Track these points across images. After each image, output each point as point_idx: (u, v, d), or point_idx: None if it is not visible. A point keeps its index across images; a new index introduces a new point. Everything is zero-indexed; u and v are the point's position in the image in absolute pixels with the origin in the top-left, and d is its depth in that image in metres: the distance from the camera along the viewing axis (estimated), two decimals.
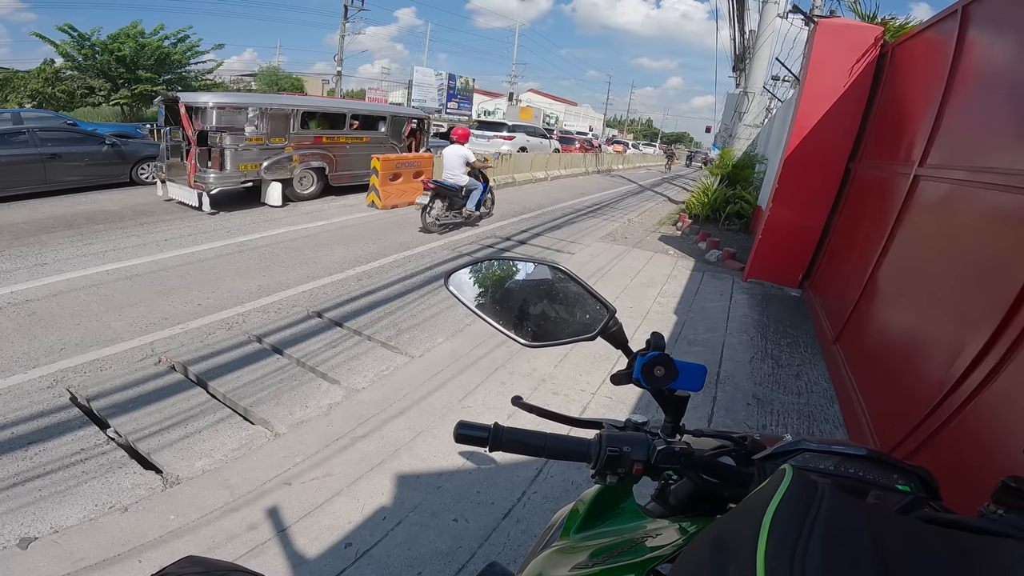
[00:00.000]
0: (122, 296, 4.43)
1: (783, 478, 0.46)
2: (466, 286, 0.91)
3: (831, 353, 4.21)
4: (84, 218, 6.94)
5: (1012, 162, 2.45)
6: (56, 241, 5.80)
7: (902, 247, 3.59)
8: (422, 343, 3.92)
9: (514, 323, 0.86)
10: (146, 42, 20.04)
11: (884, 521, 0.44)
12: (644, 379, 0.76)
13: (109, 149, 8.98)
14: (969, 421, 2.13)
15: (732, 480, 0.72)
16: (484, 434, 0.71)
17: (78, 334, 3.73)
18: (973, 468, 1.95)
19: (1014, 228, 2.29)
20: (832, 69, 5.59)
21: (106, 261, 5.24)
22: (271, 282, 4.99)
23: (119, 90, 20.18)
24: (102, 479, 2.36)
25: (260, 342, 3.75)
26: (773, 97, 13.96)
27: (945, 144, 3.39)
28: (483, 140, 19.76)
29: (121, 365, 3.37)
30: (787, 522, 0.41)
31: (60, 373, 3.23)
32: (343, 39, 27.58)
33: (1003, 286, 2.10)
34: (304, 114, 8.88)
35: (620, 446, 0.70)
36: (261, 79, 40.23)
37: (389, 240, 6.98)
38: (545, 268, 0.90)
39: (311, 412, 2.97)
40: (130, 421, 2.78)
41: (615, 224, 9.91)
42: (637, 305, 5.20)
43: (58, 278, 4.71)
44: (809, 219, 6.02)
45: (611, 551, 0.71)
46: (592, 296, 0.84)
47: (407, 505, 2.30)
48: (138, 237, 6.17)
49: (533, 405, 0.87)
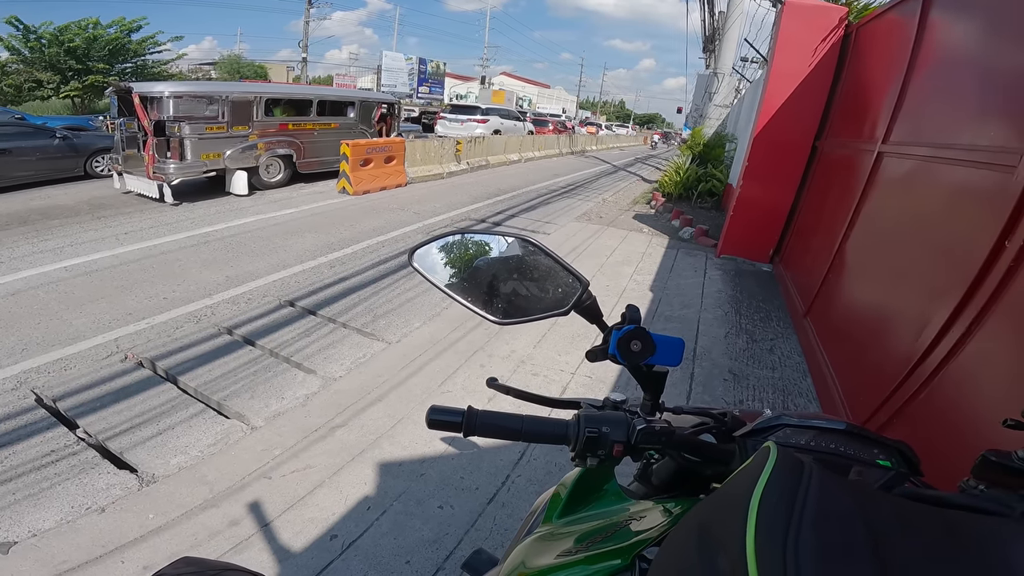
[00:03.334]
0: (82, 292, 4.25)
1: (767, 457, 0.44)
2: (432, 263, 0.86)
3: (802, 327, 4.30)
4: (38, 214, 6.61)
5: (974, 138, 2.50)
6: (10, 239, 5.51)
7: (867, 222, 3.67)
8: (399, 328, 3.86)
9: (484, 300, 0.82)
10: (98, 33, 19.12)
11: (873, 500, 0.43)
12: (620, 354, 0.73)
13: (61, 142, 8.59)
14: (937, 393, 2.17)
15: (714, 458, 0.70)
16: (457, 419, 0.67)
17: (39, 333, 3.57)
18: (944, 439, 1.99)
19: (977, 203, 2.34)
20: (799, 49, 5.69)
21: (63, 257, 5.01)
22: (240, 272, 4.85)
23: (68, 82, 19.23)
24: (75, 480, 2.29)
25: (231, 334, 3.64)
26: (742, 78, 14.12)
27: (908, 122, 3.45)
28: (456, 124, 19.52)
29: (86, 363, 3.24)
30: (775, 505, 0.39)
31: (23, 374, 3.10)
32: (308, 25, 26.91)
33: (966, 259, 2.14)
34: (268, 101, 8.64)
35: (599, 426, 0.68)
36: (222, 68, 39.07)
37: (362, 226, 6.85)
38: (515, 242, 0.86)
39: (287, 403, 2.90)
40: (99, 420, 2.68)
41: (590, 204, 9.91)
42: (614, 283, 5.21)
43: (14, 276, 4.49)
44: (778, 196, 6.13)
45: (595, 536, 0.70)
46: (564, 269, 0.81)
47: (391, 494, 2.27)
48: (96, 231, 5.91)
49: (509, 386, 0.85)
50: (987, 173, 2.28)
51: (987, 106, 2.55)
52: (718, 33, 14.06)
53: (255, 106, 8.37)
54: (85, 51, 18.90)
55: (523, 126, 22.78)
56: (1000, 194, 2.06)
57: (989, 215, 2.09)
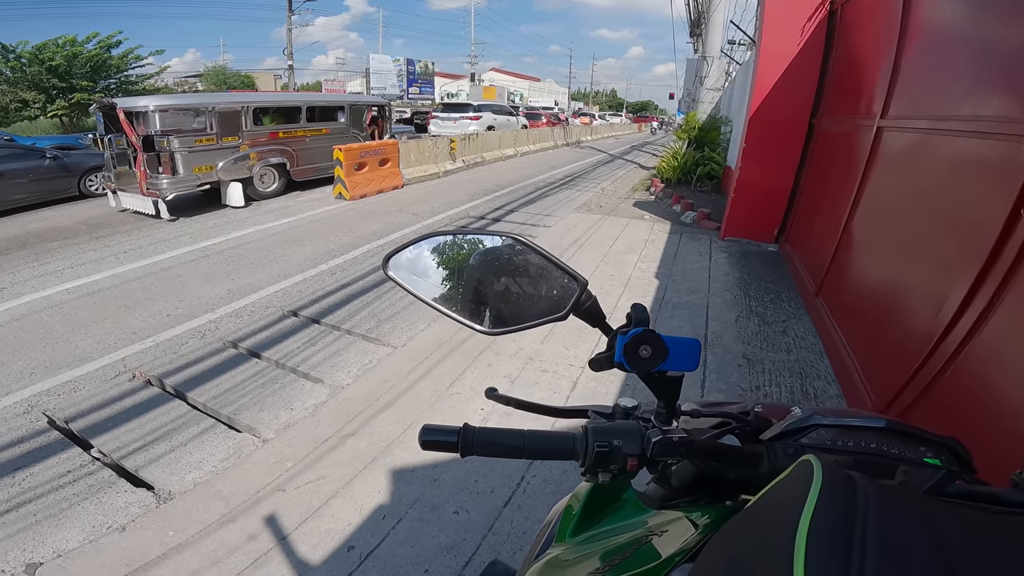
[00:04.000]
0: (86, 314, 4.24)
1: (811, 476, 0.38)
2: (410, 270, 0.77)
3: (815, 306, 4.23)
4: (36, 237, 6.61)
5: (976, 108, 2.44)
6: (10, 263, 5.52)
7: (873, 198, 3.61)
8: (403, 332, 3.82)
9: (470, 309, 0.74)
10: (78, 50, 19.07)
11: (939, 517, 0.37)
12: (628, 362, 0.65)
13: (52, 163, 8.56)
14: (965, 369, 2.09)
15: (741, 463, 0.64)
16: (453, 438, 0.61)
17: (46, 356, 3.57)
18: (979, 419, 1.92)
19: (986, 174, 2.27)
20: (786, 29, 5.65)
21: (65, 279, 5.00)
22: (241, 285, 4.82)
23: (54, 101, 19.20)
24: (94, 499, 2.30)
25: (236, 347, 3.61)
26: (732, 60, 14.04)
27: (905, 95, 3.39)
28: (449, 122, 19.44)
29: (95, 384, 3.24)
30: (829, 539, 0.33)
31: (34, 398, 3.11)
32: (291, 32, 26.69)
33: (981, 231, 2.09)
34: (256, 110, 8.56)
35: (609, 439, 0.61)
36: (208, 79, 38.84)
37: (360, 231, 6.81)
38: (503, 241, 0.77)
39: (297, 414, 2.87)
40: (113, 439, 2.70)
41: (589, 194, 9.85)
42: (618, 272, 5.16)
43: (18, 302, 4.50)
44: (778, 176, 6.07)
45: (614, 557, 0.64)
46: (559, 269, 0.72)
47: (405, 501, 2.23)
48: (95, 252, 5.89)
49: (510, 397, 0.78)
50: (993, 143, 2.22)
51: (986, 76, 2.48)
52: (703, 17, 14.01)
53: (243, 116, 8.31)
54: (67, 69, 18.83)
55: (516, 121, 22.65)
56: (1010, 164, 2.00)
57: (1000, 186, 2.03)
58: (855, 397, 2.97)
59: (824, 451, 0.62)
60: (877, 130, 3.58)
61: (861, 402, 2.85)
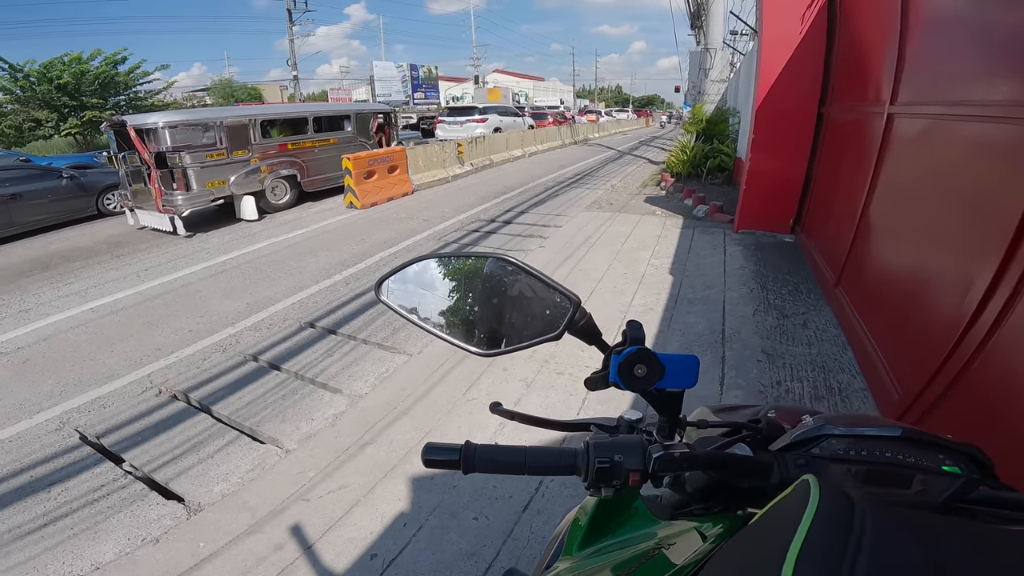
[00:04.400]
0: (111, 332, 4.35)
1: (807, 497, 0.38)
2: (401, 293, 0.78)
3: (835, 297, 4.15)
4: (59, 257, 6.78)
5: (987, 93, 2.38)
6: (35, 285, 5.68)
7: (889, 184, 3.54)
8: (418, 340, 3.85)
9: (464, 331, 0.75)
10: (85, 67, 19.22)
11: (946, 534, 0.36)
12: (623, 382, 0.65)
13: (69, 182, 8.69)
14: (995, 356, 2.02)
15: (753, 473, 0.63)
16: (454, 456, 0.62)
17: (75, 375, 3.69)
18: (1012, 407, 1.86)
19: (1003, 158, 2.22)
20: (786, 16, 5.59)
21: (89, 299, 5.12)
22: (259, 298, 4.89)
23: (67, 120, 19.37)
24: (127, 512, 2.39)
25: (256, 360, 3.68)
26: (734, 51, 13.91)
27: (913, 80, 3.33)
28: (456, 126, 19.56)
29: (123, 400, 3.34)
30: (818, 562, 0.33)
31: (65, 415, 3.23)
32: (292, 43, 26.90)
33: (1002, 215, 2.04)
34: (263, 123, 8.64)
35: (611, 455, 0.61)
36: (215, 93, 39.16)
37: (373, 239, 6.87)
38: (492, 262, 0.77)
39: (317, 425, 2.92)
40: (142, 453, 2.79)
41: (598, 192, 9.83)
42: (631, 270, 5.15)
43: (44, 322, 4.63)
44: (790, 165, 5.99)
45: (623, 570, 0.63)
46: (550, 288, 0.72)
47: (425, 508, 2.26)
48: (117, 270, 6.03)
49: (514, 412, 0.77)
50: (1008, 127, 2.17)
51: (994, 59, 2.43)
52: (703, 9, 13.91)
53: (251, 129, 8.38)
54: (76, 86, 18.97)
55: (523, 121, 22.71)
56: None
57: (1017, 171, 2.00)
58: (881, 390, 2.90)
59: (836, 461, 0.61)
60: (888, 117, 3.52)
61: (887, 395, 2.79)
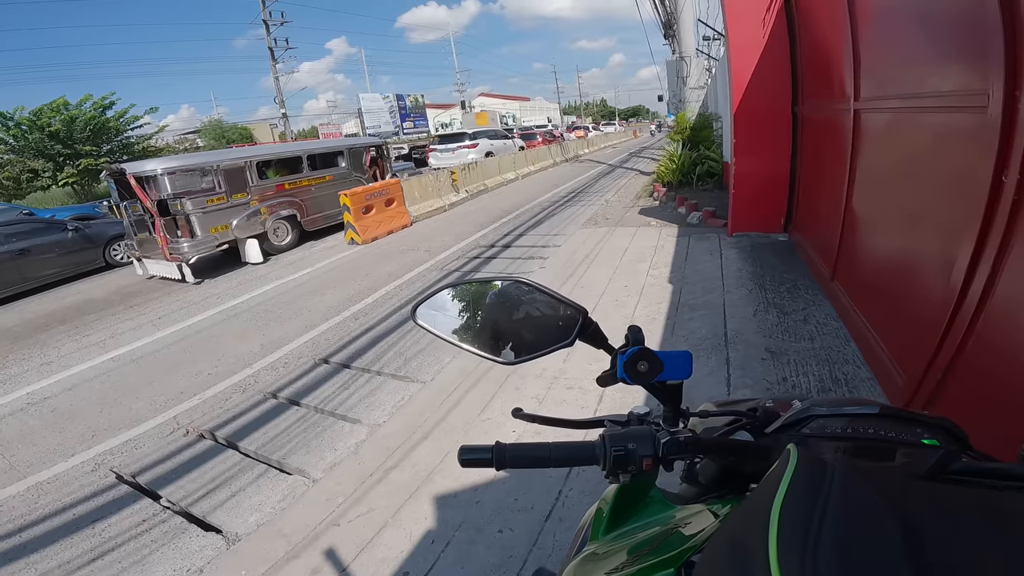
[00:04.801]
0: (134, 379, 4.51)
1: (788, 460, 0.44)
2: (434, 317, 0.89)
3: (832, 291, 4.21)
4: (74, 310, 6.97)
5: (937, 85, 2.51)
6: (54, 338, 5.87)
7: (866, 177, 3.65)
8: (430, 367, 3.97)
9: (491, 345, 0.84)
10: (76, 113, 19.22)
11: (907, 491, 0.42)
12: (629, 377, 0.74)
13: (75, 235, 8.78)
14: (986, 333, 2.07)
15: (751, 456, 0.70)
16: (487, 455, 0.69)
17: (104, 420, 3.86)
18: (1010, 386, 1.88)
19: (962, 143, 2.32)
20: (749, 20, 5.74)
21: (108, 349, 5.29)
22: (272, 339, 5.03)
23: (63, 169, 19.38)
24: (171, 545, 2.51)
25: (276, 397, 3.81)
26: (709, 57, 14.13)
27: (871, 77, 3.45)
28: (448, 153, 19.71)
29: (153, 441, 3.49)
30: (796, 513, 0.38)
31: (99, 457, 3.39)
32: (278, 81, 27.14)
33: (971, 197, 2.12)
34: (259, 164, 8.74)
35: (625, 444, 0.68)
36: (206, 134, 39.25)
37: (377, 273, 7.01)
38: (510, 284, 0.89)
39: (340, 454, 3.04)
40: (177, 489, 2.93)
41: (594, 208, 10.01)
42: (632, 282, 5.27)
43: (67, 373, 4.82)
44: (774, 166, 6.13)
45: (643, 548, 0.70)
46: (560, 302, 0.83)
47: (451, 525, 2.35)
48: (132, 320, 6.19)
49: (534, 415, 0.85)
50: (962, 116, 2.29)
51: (938, 50, 2.55)
52: (674, 18, 14.16)
53: (247, 171, 8.47)
54: (68, 133, 18.98)
55: (513, 143, 22.99)
56: (981, 134, 2.06)
57: (979, 155, 2.08)
58: (886, 377, 2.95)
59: (826, 439, 0.68)
60: (855, 113, 3.65)
61: (892, 382, 2.83)
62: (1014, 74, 1.89)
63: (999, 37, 1.91)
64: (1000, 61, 1.92)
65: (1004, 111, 1.93)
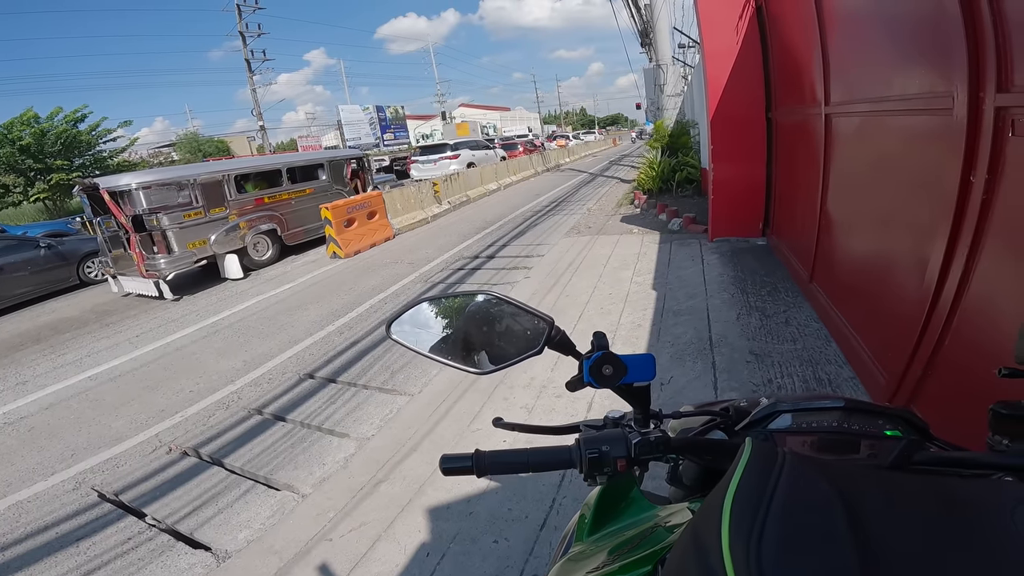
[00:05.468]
0: (112, 398, 4.42)
1: (742, 454, 0.45)
2: (409, 332, 0.91)
3: (811, 292, 4.29)
4: (48, 329, 6.82)
5: (903, 88, 2.60)
6: (28, 358, 5.76)
7: (840, 180, 3.74)
8: (418, 379, 3.94)
9: (463, 356, 0.87)
10: (47, 126, 18.69)
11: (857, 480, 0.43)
12: (595, 381, 0.76)
13: (48, 252, 8.61)
14: (964, 326, 2.13)
15: (724, 454, 0.71)
16: (467, 463, 0.72)
17: (83, 439, 3.79)
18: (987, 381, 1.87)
19: (930, 145, 2.40)
20: (722, 28, 5.87)
21: (85, 368, 5.18)
22: (255, 355, 4.95)
23: (34, 184, 18.82)
24: (159, 563, 2.46)
25: (261, 414, 3.75)
26: (684, 64, 14.39)
27: (840, 82, 3.55)
28: (430, 165, 19.64)
29: (135, 459, 3.43)
30: (745, 503, 0.39)
31: (80, 475, 3.33)
32: (255, 93, 26.79)
33: (941, 197, 2.18)
34: (237, 178, 8.59)
35: (599, 446, 0.70)
36: (182, 148, 38.52)
37: (360, 287, 6.96)
38: (480, 297, 0.90)
39: (329, 468, 3.00)
40: (162, 507, 2.88)
41: (576, 216, 10.09)
42: (616, 290, 5.31)
43: (44, 392, 4.73)
44: (750, 171, 6.25)
45: (624, 547, 0.71)
46: (528, 313, 0.85)
47: (446, 537, 2.34)
48: (108, 339, 6.05)
49: (514, 424, 0.88)
50: (929, 118, 2.36)
51: (903, 53, 2.64)
52: (650, 26, 14.41)
53: (226, 185, 8.32)
54: (39, 148, 18.50)
55: (495, 153, 23.01)
56: (948, 135, 2.13)
57: (947, 156, 2.14)
58: (868, 376, 3.00)
59: (791, 434, 0.71)
60: (826, 117, 3.74)
61: (874, 380, 2.88)
62: (977, 76, 1.95)
63: (961, 40, 1.98)
64: (963, 64, 1.99)
65: (969, 112, 1.99)
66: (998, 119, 1.86)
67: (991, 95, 1.88)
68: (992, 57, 1.87)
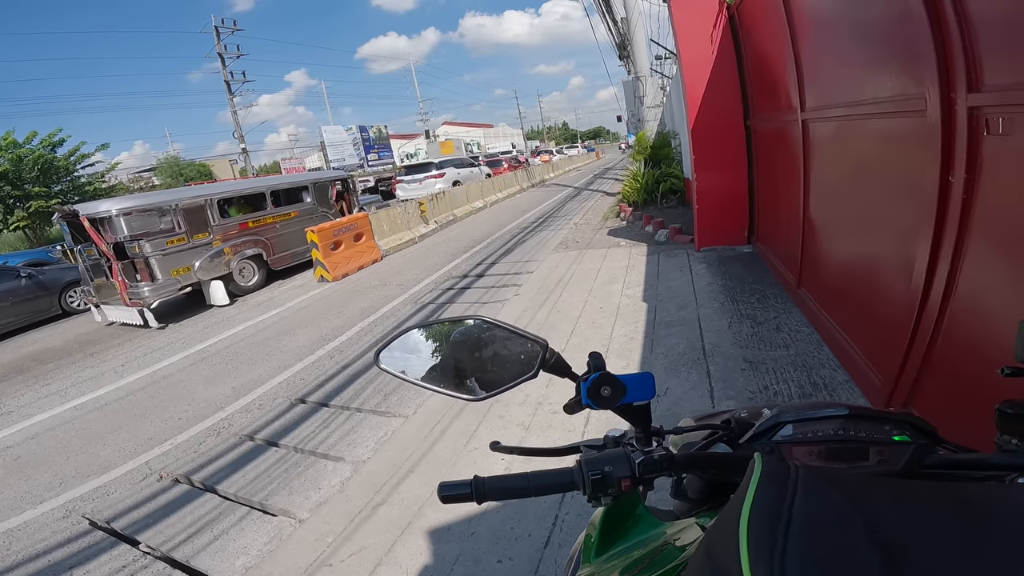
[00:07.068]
0: (99, 427, 4.37)
1: (754, 470, 0.44)
2: (398, 360, 0.88)
3: (800, 298, 4.31)
4: (31, 360, 6.74)
5: (876, 92, 2.65)
6: (12, 388, 5.72)
7: (821, 185, 3.78)
8: (412, 401, 3.89)
9: (455, 383, 0.85)
10: (24, 152, 18.40)
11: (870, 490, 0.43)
12: (593, 402, 0.74)
13: (28, 282, 8.50)
14: (953, 328, 2.13)
15: (730, 468, 0.70)
16: (467, 490, 0.69)
17: (71, 468, 3.74)
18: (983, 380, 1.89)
19: (907, 147, 2.43)
20: (697, 39, 5.99)
21: (70, 398, 5.13)
22: (244, 382, 4.88)
23: (13, 212, 18.47)
24: None
25: (253, 439, 3.69)
26: (663, 76, 14.61)
27: (814, 87, 3.61)
28: (415, 184, 19.65)
29: (125, 487, 3.38)
30: (762, 521, 0.39)
31: (70, 503, 3.29)
32: (236, 115, 26.53)
33: (922, 198, 2.21)
34: (220, 202, 8.48)
35: (601, 467, 0.68)
36: (162, 172, 37.83)
37: (350, 310, 6.89)
38: (470, 322, 0.88)
39: (325, 493, 2.95)
40: (156, 534, 2.83)
41: (563, 232, 10.14)
42: (606, 304, 5.32)
43: (29, 422, 4.69)
44: (733, 179, 6.33)
45: (636, 567, 0.69)
46: (521, 336, 0.82)
47: (448, 559, 2.30)
48: (93, 368, 5.97)
49: (512, 447, 0.86)
50: (904, 120, 2.40)
51: (874, 57, 2.68)
52: (627, 39, 14.65)
53: (208, 209, 8.20)
54: (17, 174, 18.19)
55: (480, 171, 23.14)
56: (924, 136, 2.16)
57: (924, 157, 2.17)
58: (863, 379, 3.00)
59: (797, 444, 0.69)
60: (803, 123, 3.81)
61: (870, 383, 2.88)
62: (948, 77, 1.99)
63: (929, 42, 2.02)
64: (932, 65, 2.03)
65: (942, 113, 2.03)
66: (972, 119, 1.90)
67: (963, 95, 1.92)
68: (960, 58, 1.90)
